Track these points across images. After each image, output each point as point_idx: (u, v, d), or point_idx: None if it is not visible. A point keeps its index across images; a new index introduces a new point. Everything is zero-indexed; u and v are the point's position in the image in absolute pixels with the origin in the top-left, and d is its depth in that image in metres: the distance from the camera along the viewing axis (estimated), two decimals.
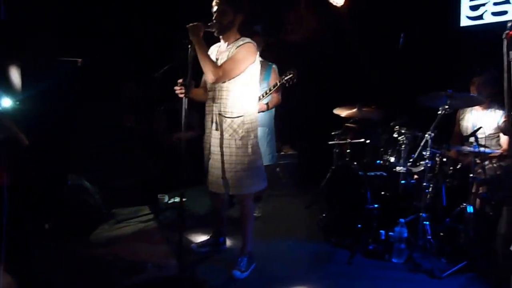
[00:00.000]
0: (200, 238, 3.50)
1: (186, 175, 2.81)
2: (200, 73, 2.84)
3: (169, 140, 4.46)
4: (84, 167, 3.95)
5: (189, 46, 2.59)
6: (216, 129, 2.80)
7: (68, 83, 3.58)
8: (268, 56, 3.91)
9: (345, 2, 4.52)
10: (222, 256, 3.26)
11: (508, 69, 1.64)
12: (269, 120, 3.96)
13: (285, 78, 3.54)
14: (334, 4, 4.61)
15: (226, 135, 2.77)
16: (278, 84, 3.61)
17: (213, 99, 2.82)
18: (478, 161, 3.22)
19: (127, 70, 4.50)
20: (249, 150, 2.80)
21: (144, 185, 4.39)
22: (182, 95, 2.63)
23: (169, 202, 4.36)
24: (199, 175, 4.94)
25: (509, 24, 1.74)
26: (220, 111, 2.78)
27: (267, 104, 3.83)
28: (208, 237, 3.39)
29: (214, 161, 2.84)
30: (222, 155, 2.79)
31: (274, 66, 3.90)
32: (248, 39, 2.77)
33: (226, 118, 2.77)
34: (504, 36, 1.70)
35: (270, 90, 3.72)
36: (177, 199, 4.29)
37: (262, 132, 3.75)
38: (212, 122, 2.84)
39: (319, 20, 4.94)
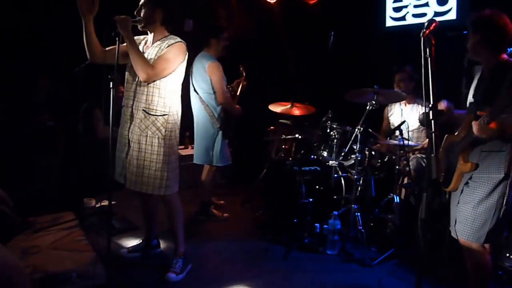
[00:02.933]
0: (131, 242, 3.30)
1: (114, 176, 2.63)
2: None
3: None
4: None
5: (117, 39, 2.44)
6: (138, 126, 2.66)
7: None
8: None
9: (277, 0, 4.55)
10: (156, 260, 3.10)
11: (425, 66, 1.74)
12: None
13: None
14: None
15: (148, 133, 2.65)
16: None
17: (135, 94, 2.67)
18: (402, 153, 3.40)
19: (44, 63, 4.10)
20: (171, 149, 2.72)
21: (67, 189, 4.04)
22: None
23: (97, 206, 4.05)
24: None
25: (425, 24, 1.84)
26: (144, 107, 2.64)
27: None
28: (140, 241, 3.21)
29: (133, 158, 2.69)
30: (143, 152, 2.66)
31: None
32: (178, 38, 2.69)
33: (150, 115, 2.64)
34: (421, 34, 1.79)
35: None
36: (105, 203, 4.01)
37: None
38: (131, 117, 2.69)
39: (251, 18, 4.93)
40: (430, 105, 1.75)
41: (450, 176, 2.29)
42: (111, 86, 2.46)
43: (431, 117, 1.74)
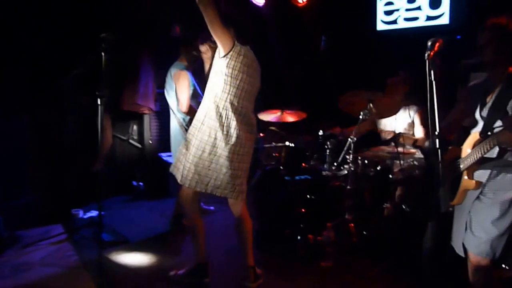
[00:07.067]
0: (122, 257, 3.24)
1: (103, 185, 2.56)
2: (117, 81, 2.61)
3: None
4: None
5: (103, 53, 2.36)
6: None
7: None
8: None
9: (266, 2, 4.46)
10: (148, 274, 3.04)
11: (430, 90, 1.66)
12: None
13: None
14: (255, 2, 4.52)
15: None
16: None
17: None
18: (397, 162, 3.38)
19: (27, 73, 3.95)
20: None
21: (54, 200, 3.94)
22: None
23: (85, 217, 3.97)
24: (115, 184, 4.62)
25: (429, 44, 1.75)
26: None
27: None
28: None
29: None
30: None
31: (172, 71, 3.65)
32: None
33: None
34: (426, 57, 1.71)
35: None
36: (94, 213, 3.93)
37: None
38: None
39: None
40: (437, 133, 1.68)
41: (454, 190, 2.24)
42: (99, 103, 2.41)
43: (437, 145, 1.68)
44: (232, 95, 2.58)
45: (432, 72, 1.67)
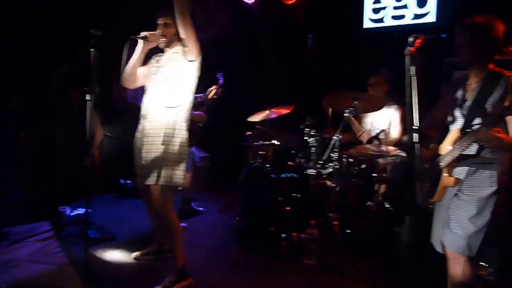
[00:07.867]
0: (108, 253, 3.26)
1: (90, 182, 2.57)
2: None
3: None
4: None
5: (93, 49, 2.35)
6: None
7: None
8: None
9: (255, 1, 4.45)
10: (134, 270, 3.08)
11: (410, 84, 1.68)
12: None
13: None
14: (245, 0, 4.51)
15: None
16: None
17: None
18: (381, 161, 3.40)
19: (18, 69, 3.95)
20: None
21: (41, 197, 3.95)
22: None
23: (72, 214, 3.98)
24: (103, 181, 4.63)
25: (410, 40, 1.77)
26: None
27: None
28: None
29: None
30: None
31: None
32: None
33: None
34: (406, 52, 1.73)
35: None
36: (81, 211, 3.94)
37: None
38: None
39: (230, 19, 4.81)
40: (416, 127, 1.70)
41: (435, 187, 2.26)
42: (88, 98, 2.40)
43: (416, 140, 1.69)
44: (193, 97, 2.68)
45: (411, 67, 1.69)
